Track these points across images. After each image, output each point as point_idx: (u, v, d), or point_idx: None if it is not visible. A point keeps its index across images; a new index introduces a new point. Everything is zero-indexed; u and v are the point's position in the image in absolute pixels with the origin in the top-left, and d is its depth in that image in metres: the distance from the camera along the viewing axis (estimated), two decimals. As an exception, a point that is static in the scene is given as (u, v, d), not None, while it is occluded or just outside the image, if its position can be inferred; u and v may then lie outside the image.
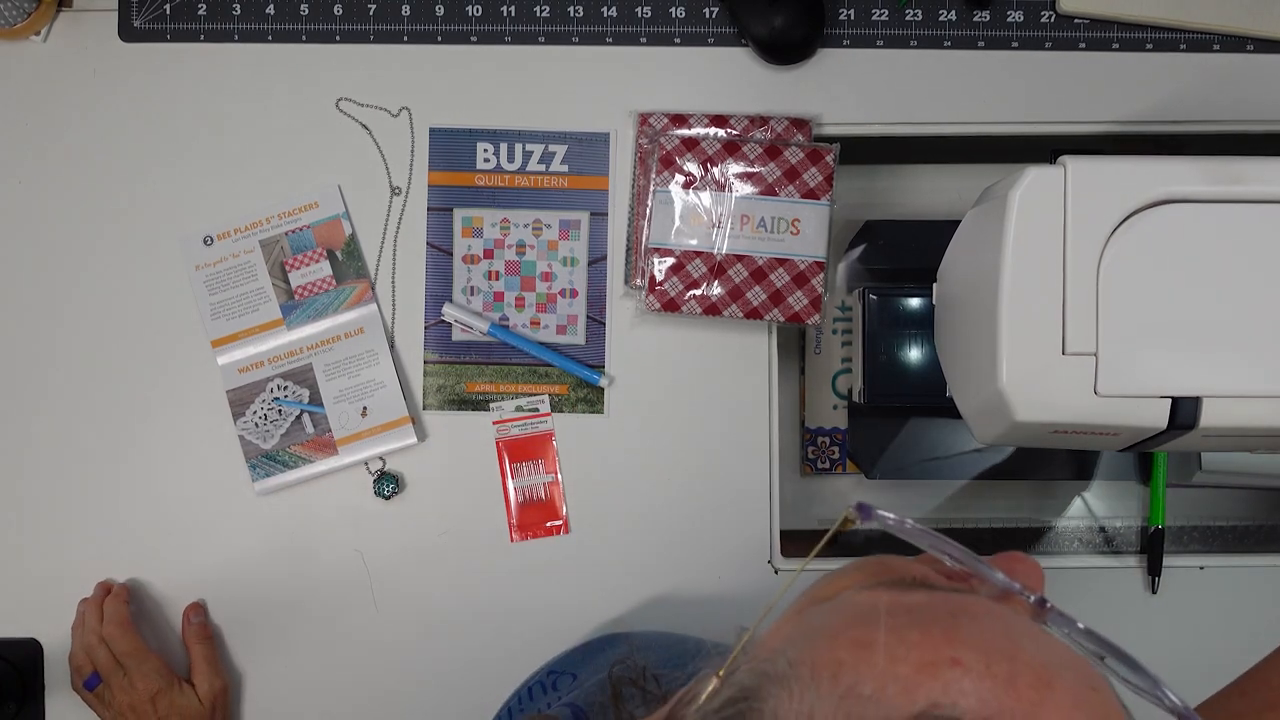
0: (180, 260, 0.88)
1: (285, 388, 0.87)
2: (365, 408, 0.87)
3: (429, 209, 0.89)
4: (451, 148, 0.89)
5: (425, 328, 0.88)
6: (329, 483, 0.88)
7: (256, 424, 0.87)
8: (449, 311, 0.88)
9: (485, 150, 0.89)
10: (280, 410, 0.87)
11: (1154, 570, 0.87)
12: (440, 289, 0.88)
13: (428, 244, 0.89)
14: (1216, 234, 0.64)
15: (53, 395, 0.88)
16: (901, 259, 0.98)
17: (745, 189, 0.86)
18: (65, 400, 0.88)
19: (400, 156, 0.89)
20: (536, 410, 0.87)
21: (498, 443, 0.87)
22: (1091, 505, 1.00)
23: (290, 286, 0.88)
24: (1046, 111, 0.89)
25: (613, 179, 0.88)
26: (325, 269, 0.88)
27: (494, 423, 0.87)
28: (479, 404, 0.88)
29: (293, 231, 0.88)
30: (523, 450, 0.87)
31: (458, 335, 0.88)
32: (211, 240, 0.88)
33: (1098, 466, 1.00)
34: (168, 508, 0.87)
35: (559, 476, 0.87)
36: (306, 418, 0.87)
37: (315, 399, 0.87)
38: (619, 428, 0.88)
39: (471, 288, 0.89)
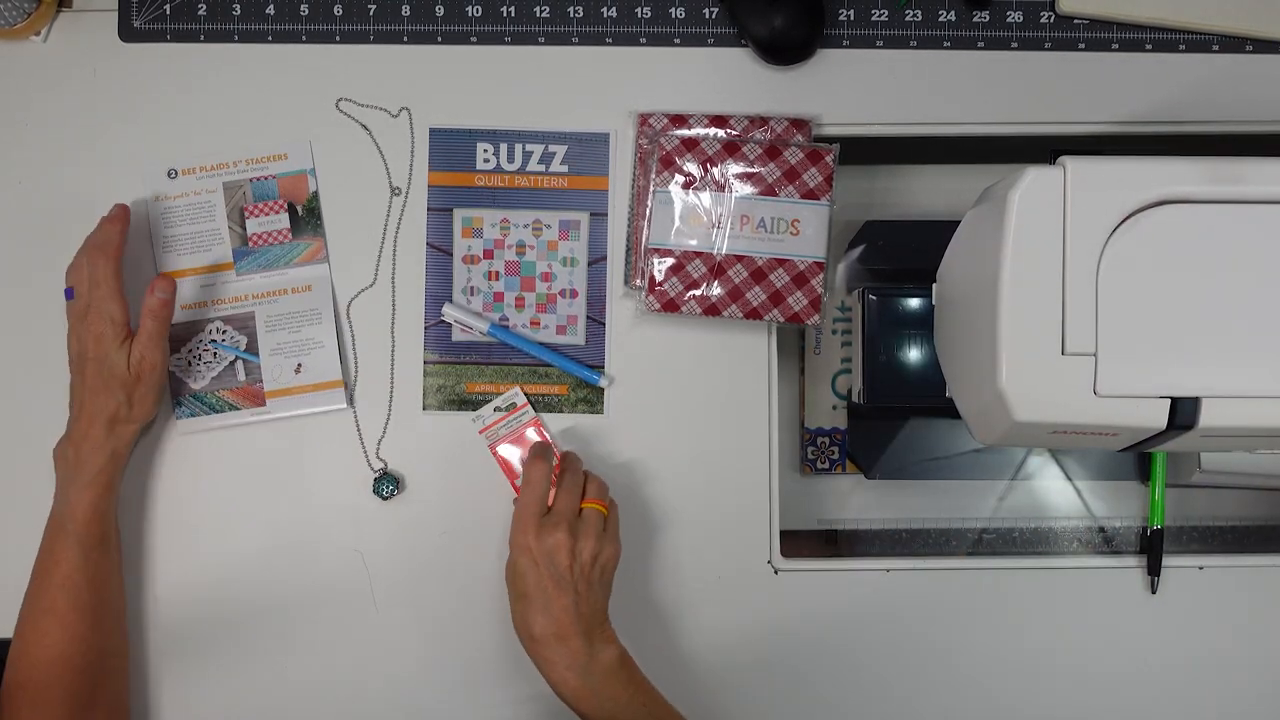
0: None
1: (224, 331, 0.87)
2: (300, 364, 0.87)
3: (429, 209, 0.89)
4: (451, 148, 0.89)
5: (425, 328, 0.88)
6: (329, 482, 0.87)
7: (189, 362, 0.87)
8: (449, 312, 0.88)
9: (485, 150, 0.89)
10: (215, 353, 0.87)
11: (1153, 570, 0.87)
12: (440, 289, 0.88)
13: (428, 244, 0.89)
14: (1217, 234, 0.64)
15: (50, 395, 0.87)
16: (901, 259, 0.98)
17: (745, 189, 0.86)
18: (63, 399, 0.87)
19: (400, 157, 0.89)
20: (514, 405, 0.87)
21: (491, 448, 0.87)
22: (1091, 505, 1.00)
23: (246, 233, 0.88)
24: (1046, 111, 0.89)
25: (613, 179, 0.89)
26: (284, 221, 0.88)
27: (480, 431, 0.87)
28: (479, 405, 0.88)
29: (257, 179, 0.88)
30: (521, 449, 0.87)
31: (458, 335, 0.88)
32: (175, 174, 0.88)
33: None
34: (167, 505, 0.87)
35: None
36: (240, 364, 0.87)
37: (251, 347, 0.87)
38: (619, 428, 0.88)
39: (471, 288, 0.89)
